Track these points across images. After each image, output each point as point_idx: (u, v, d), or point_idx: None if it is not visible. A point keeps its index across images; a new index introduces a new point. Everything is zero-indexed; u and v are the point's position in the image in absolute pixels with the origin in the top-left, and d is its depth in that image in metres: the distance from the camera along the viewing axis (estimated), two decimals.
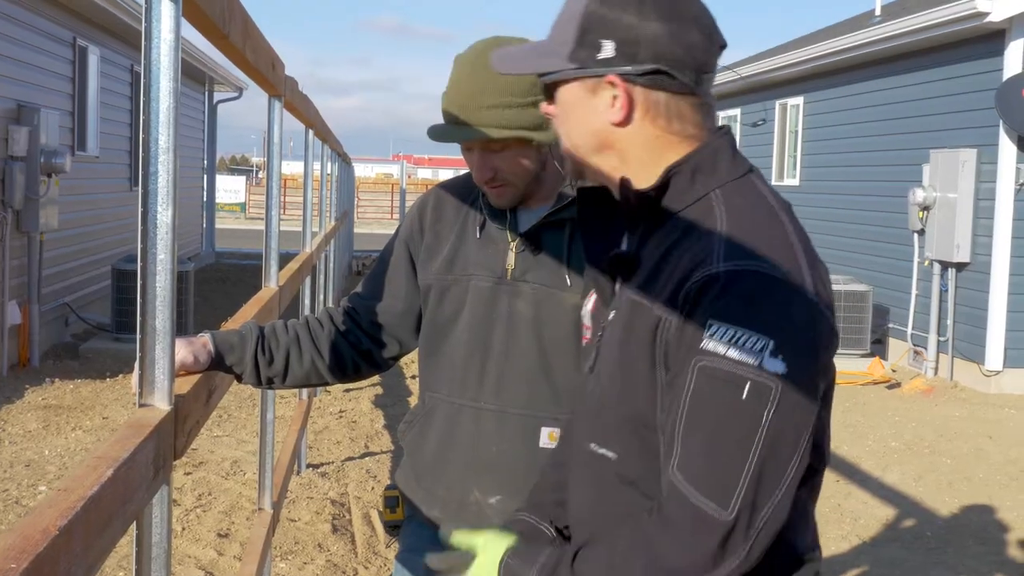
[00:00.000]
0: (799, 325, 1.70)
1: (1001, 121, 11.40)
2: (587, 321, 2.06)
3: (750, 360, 1.65)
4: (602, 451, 1.89)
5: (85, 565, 1.47)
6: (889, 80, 14.00)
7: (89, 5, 12.42)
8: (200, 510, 6.48)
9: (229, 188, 45.85)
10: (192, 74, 19.78)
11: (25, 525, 1.35)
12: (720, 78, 19.54)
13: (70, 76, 12.68)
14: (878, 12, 16.17)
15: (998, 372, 11.73)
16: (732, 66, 19.51)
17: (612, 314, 1.91)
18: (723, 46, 1.88)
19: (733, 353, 1.65)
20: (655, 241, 1.86)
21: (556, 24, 1.90)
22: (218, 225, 26.58)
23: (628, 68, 1.81)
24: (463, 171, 2.70)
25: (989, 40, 11.87)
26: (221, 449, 7.82)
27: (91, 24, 13.42)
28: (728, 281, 1.69)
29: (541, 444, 2.51)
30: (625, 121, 1.84)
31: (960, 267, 12.25)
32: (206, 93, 22.69)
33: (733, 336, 1.66)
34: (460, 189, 2.68)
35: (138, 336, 2.07)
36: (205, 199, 23.03)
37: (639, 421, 1.81)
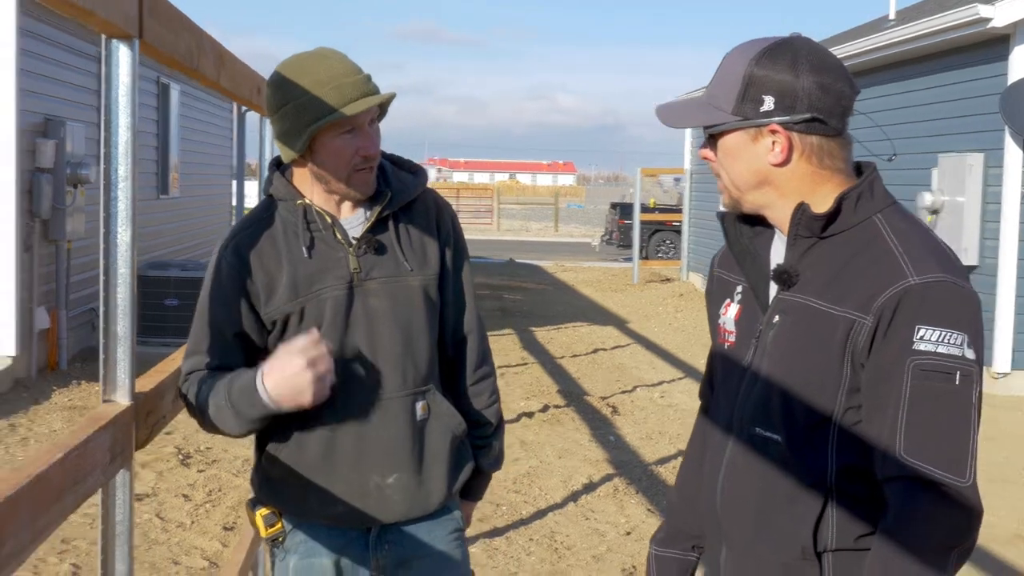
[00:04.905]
0: (976, 320, 2.09)
1: (1006, 125, 11.59)
2: (730, 327, 2.37)
3: (956, 353, 2.04)
4: (768, 434, 2.23)
5: (33, 531, 1.77)
6: (900, 84, 14.19)
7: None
8: (209, 505, 6.80)
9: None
10: None
11: None
12: None
13: (96, 89, 13.06)
14: (892, 16, 16.36)
15: (1006, 374, 11.90)
16: None
17: (777, 317, 2.24)
18: (858, 92, 2.26)
19: (943, 349, 2.03)
20: (817, 256, 2.20)
21: (715, 84, 2.25)
22: None
23: (787, 117, 2.16)
24: (498, 176, 2.95)
25: (993, 45, 12.05)
26: (235, 448, 8.13)
27: None
28: (925, 291, 2.05)
29: (418, 417, 2.83)
30: (785, 162, 2.20)
31: (968, 270, 12.42)
32: (234, 102, 23.04)
33: (940, 336, 2.03)
34: (258, 228, 2.84)
35: (101, 340, 2.37)
36: (235, 204, 23.40)
37: (810, 407, 2.16)
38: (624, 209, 31.26)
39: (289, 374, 2.58)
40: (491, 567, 6.06)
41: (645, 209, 26.91)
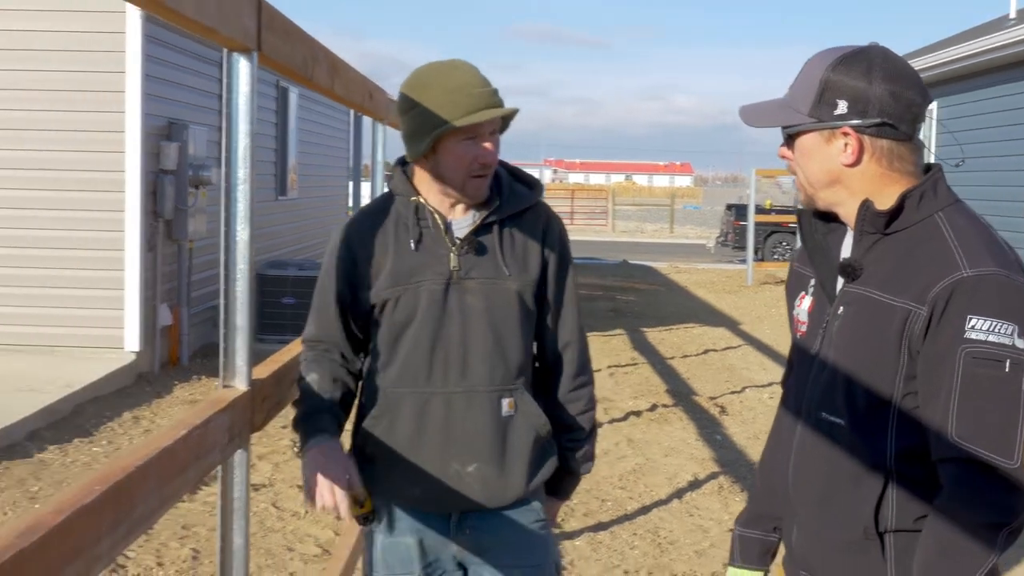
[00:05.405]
0: None
1: None
2: (803, 318, 2.53)
3: (1007, 342, 2.15)
4: (833, 418, 2.38)
5: (160, 498, 1.96)
6: (1020, 84, 13.99)
7: None
8: None
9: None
10: None
11: (111, 463, 1.85)
12: None
13: (217, 93, 13.46)
14: (1012, 15, 16.12)
15: None
16: None
17: (841, 308, 2.38)
18: (930, 100, 2.38)
19: (993, 338, 2.14)
20: (881, 251, 2.34)
21: (795, 87, 2.42)
22: None
23: (859, 121, 2.31)
24: (614, 177, 3.09)
25: None
26: (346, 440, 8.36)
27: None
28: (977, 283, 2.17)
29: (503, 413, 2.98)
30: (856, 163, 2.35)
31: None
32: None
33: (991, 325, 2.14)
34: (373, 218, 3.06)
35: (220, 331, 2.57)
36: (351, 204, 23.84)
37: (870, 393, 2.31)
38: (740, 210, 31.01)
39: (321, 475, 2.86)
40: (595, 560, 6.20)
41: (761, 210, 26.75)
